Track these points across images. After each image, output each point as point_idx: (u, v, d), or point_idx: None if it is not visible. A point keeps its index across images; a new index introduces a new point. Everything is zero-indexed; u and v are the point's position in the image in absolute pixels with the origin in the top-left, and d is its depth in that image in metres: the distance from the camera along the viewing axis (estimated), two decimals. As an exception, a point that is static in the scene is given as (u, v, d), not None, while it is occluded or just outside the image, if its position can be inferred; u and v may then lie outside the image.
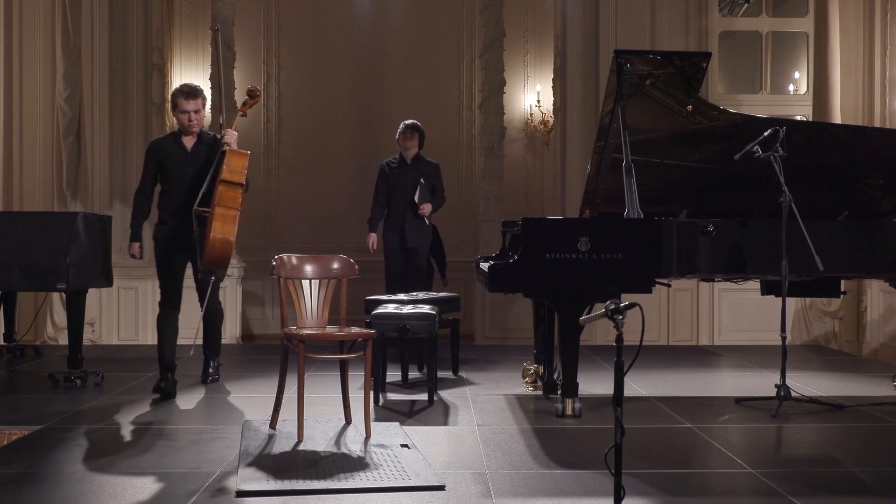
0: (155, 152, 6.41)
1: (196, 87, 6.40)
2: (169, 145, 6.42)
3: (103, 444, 4.78)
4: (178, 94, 6.35)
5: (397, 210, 8.28)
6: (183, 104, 6.31)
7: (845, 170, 6.22)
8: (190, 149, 6.37)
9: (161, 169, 6.37)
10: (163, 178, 6.39)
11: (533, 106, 10.99)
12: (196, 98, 6.34)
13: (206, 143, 6.42)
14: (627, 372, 3.40)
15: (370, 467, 4.25)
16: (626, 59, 5.69)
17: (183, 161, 6.33)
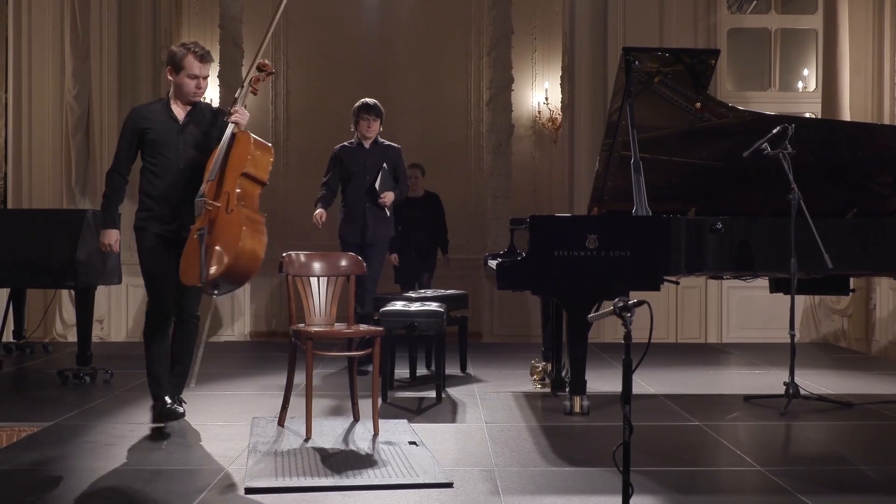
0: (136, 122, 5.19)
1: (207, 50, 5.26)
2: (156, 114, 5.21)
3: (112, 441, 4.79)
4: (187, 53, 5.14)
5: (355, 200, 7.24)
6: (193, 66, 5.13)
7: (854, 167, 6.20)
8: (182, 119, 5.22)
9: (144, 143, 5.18)
10: (147, 154, 5.20)
11: (541, 103, 10.97)
12: (208, 63, 5.23)
13: (203, 114, 5.28)
14: (636, 369, 3.39)
15: (378, 464, 4.26)
16: (634, 57, 5.68)
17: (173, 134, 5.16)
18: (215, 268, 4.68)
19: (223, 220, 4.80)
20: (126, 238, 8.58)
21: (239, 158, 4.95)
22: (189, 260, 4.85)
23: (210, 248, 4.74)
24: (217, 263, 4.68)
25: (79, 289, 6.61)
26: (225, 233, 4.75)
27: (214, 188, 4.91)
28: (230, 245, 4.69)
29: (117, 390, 6.32)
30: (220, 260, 4.68)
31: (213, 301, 9.31)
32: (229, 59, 9.51)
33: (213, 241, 4.75)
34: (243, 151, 4.97)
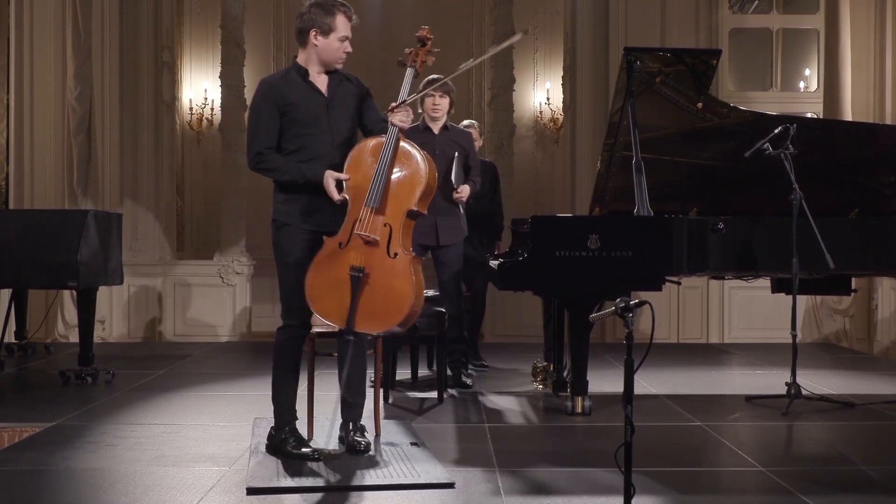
0: (275, 98, 4.33)
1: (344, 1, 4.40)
2: (297, 87, 4.36)
3: (114, 441, 4.80)
4: (337, 11, 4.34)
5: None
6: (342, 25, 4.35)
7: (856, 167, 6.20)
8: (327, 91, 4.41)
9: (286, 123, 4.34)
10: (289, 137, 4.35)
11: (542, 103, 10.98)
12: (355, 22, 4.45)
13: (343, 83, 4.47)
14: (638, 370, 3.39)
15: (380, 465, 4.26)
16: (635, 57, 5.67)
17: (322, 110, 4.37)
18: (372, 325, 4.16)
19: (385, 266, 4.14)
20: (127, 239, 8.66)
21: (409, 185, 4.23)
22: (333, 291, 4.16)
23: (369, 298, 4.12)
24: (376, 323, 4.15)
25: (80, 289, 6.61)
26: (390, 286, 4.12)
27: (370, 216, 4.18)
28: (397, 306, 4.11)
29: (119, 391, 6.33)
30: (382, 321, 4.14)
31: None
32: (231, 60, 9.52)
33: (374, 293, 4.13)
34: (415, 173, 4.24)
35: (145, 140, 9.43)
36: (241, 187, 9.52)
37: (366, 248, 4.16)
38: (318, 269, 4.22)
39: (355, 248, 4.17)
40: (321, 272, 4.20)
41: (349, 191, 4.23)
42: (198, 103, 10.91)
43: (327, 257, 4.21)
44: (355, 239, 4.17)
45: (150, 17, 9.47)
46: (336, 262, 4.18)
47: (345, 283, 4.13)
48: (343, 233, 4.21)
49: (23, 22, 9.29)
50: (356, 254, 4.15)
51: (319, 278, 4.20)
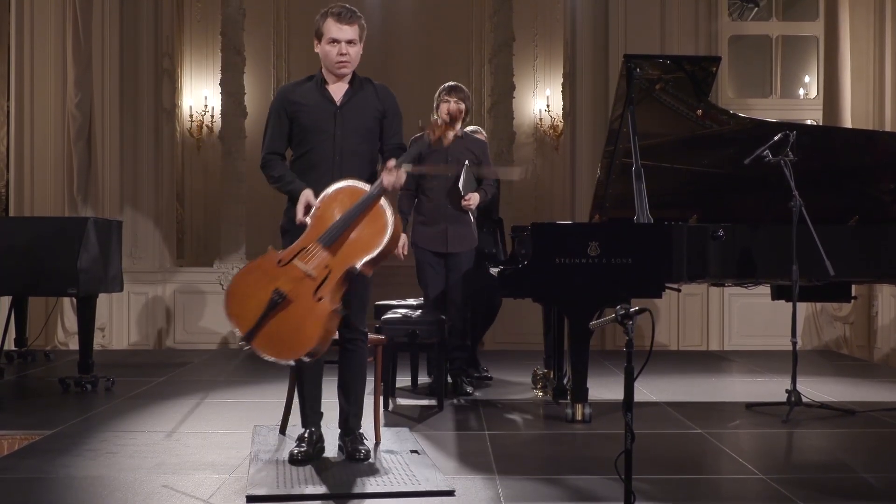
0: (283, 102, 4.42)
1: (351, 10, 4.39)
2: (308, 93, 4.40)
3: (114, 449, 4.79)
4: (326, 14, 4.36)
5: (434, 201, 6.29)
6: (331, 29, 4.32)
7: (856, 174, 6.20)
8: (340, 99, 4.42)
9: (294, 128, 4.40)
10: (297, 142, 4.42)
11: (542, 110, 10.99)
12: (352, 24, 4.34)
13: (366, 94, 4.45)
14: (638, 377, 3.39)
15: (380, 472, 4.25)
16: (635, 64, 5.68)
17: (329, 117, 4.37)
18: (266, 350, 4.07)
19: (306, 304, 4.07)
20: (127, 246, 8.67)
21: (367, 241, 4.16)
22: (249, 300, 4.10)
23: (276, 325, 4.07)
24: (271, 349, 4.07)
25: (80, 296, 6.61)
26: (301, 324, 4.06)
27: (317, 253, 4.16)
28: (296, 344, 4.06)
29: (119, 398, 6.32)
30: (277, 350, 4.08)
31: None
32: (231, 67, 9.53)
33: (283, 321, 4.07)
34: (376, 235, 4.16)
35: (145, 147, 9.44)
36: (240, 194, 9.53)
37: (298, 279, 4.11)
38: (249, 273, 4.21)
39: (289, 273, 4.13)
40: (251, 277, 4.18)
41: (313, 218, 4.22)
42: (198, 110, 10.92)
43: (262, 267, 4.19)
44: (293, 266, 4.13)
45: (150, 25, 9.49)
46: (268, 276, 4.14)
47: (264, 299, 4.08)
48: (287, 253, 4.19)
49: (23, 29, 9.30)
50: (287, 279, 4.11)
51: (244, 281, 4.19)
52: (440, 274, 6.38)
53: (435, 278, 6.39)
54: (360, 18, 4.39)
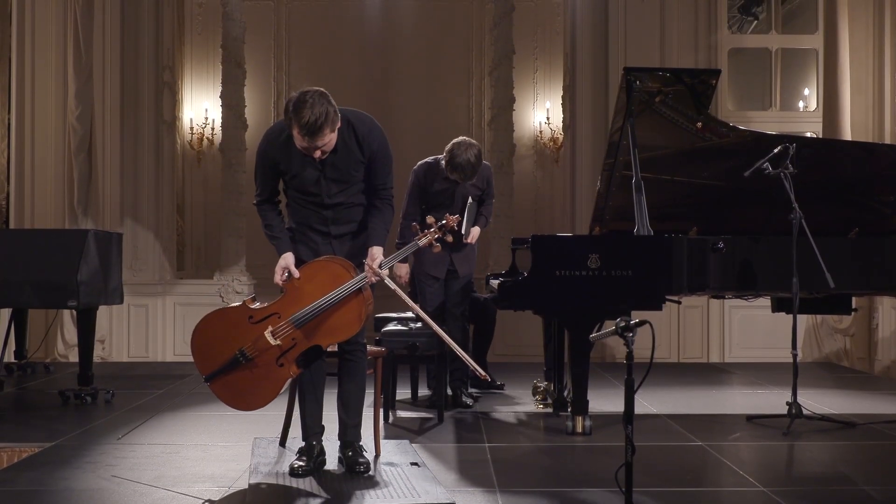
0: (267, 155, 4.38)
1: (319, 112, 4.07)
2: (290, 148, 4.28)
3: (113, 462, 4.78)
4: (294, 123, 4.11)
5: None
6: (300, 140, 4.16)
7: (856, 187, 6.21)
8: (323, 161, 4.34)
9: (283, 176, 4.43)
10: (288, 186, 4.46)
11: (542, 123, 11.01)
12: (320, 135, 4.11)
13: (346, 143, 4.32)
14: (638, 389, 3.39)
15: (380, 485, 4.24)
16: (635, 77, 5.69)
17: (314, 175, 4.34)
18: (222, 395, 4.33)
19: (267, 368, 4.27)
20: (128, 259, 8.67)
21: (338, 329, 4.29)
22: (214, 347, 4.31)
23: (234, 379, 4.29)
24: (226, 396, 4.33)
25: (80, 309, 6.61)
26: (258, 384, 4.28)
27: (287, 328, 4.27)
28: (251, 400, 4.31)
29: (118, 411, 6.31)
30: (232, 400, 4.33)
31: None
32: (231, 79, 9.54)
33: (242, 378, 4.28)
34: (349, 325, 4.29)
35: (146, 160, 9.44)
36: (241, 207, 9.53)
37: (264, 344, 4.26)
38: (220, 319, 4.36)
39: (256, 335, 4.27)
40: (221, 324, 4.34)
41: (291, 287, 4.31)
42: (198, 123, 10.94)
43: (232, 319, 4.33)
44: (263, 329, 4.27)
45: (150, 37, 9.50)
46: (236, 329, 4.29)
47: (227, 354, 4.28)
48: (259, 312, 4.31)
49: (24, 42, 9.33)
50: (253, 341, 4.27)
51: (213, 327, 4.35)
52: (439, 289, 6.46)
53: (434, 294, 6.45)
54: (328, 119, 4.11)
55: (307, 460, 4.44)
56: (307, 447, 4.49)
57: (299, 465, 4.40)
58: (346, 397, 4.54)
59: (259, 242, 9.98)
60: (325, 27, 10.96)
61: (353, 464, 4.44)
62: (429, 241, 4.56)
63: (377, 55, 10.92)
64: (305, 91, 4.17)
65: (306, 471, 4.38)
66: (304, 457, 4.45)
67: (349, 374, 4.53)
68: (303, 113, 4.06)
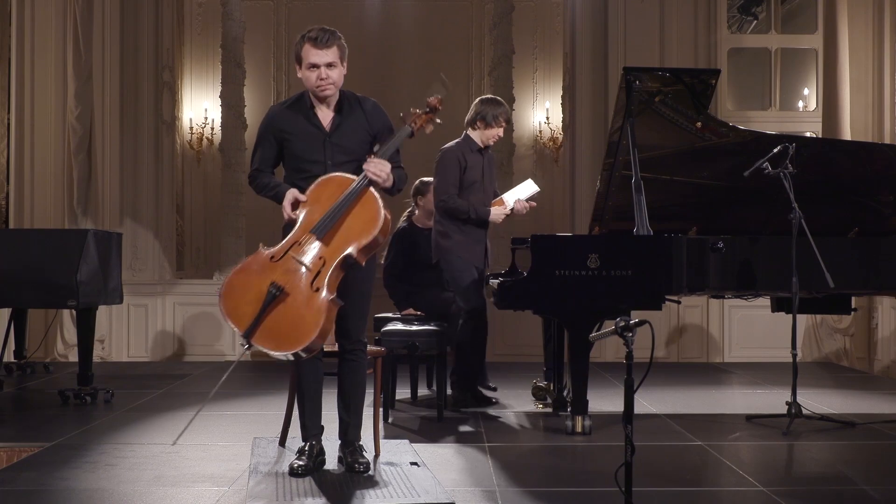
0: (273, 126, 4.41)
1: (328, 31, 4.27)
2: (297, 119, 4.37)
3: (113, 461, 4.78)
4: (303, 40, 4.26)
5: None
6: (309, 54, 4.25)
7: (855, 186, 6.21)
8: (329, 126, 4.38)
9: (285, 152, 4.42)
10: (289, 165, 4.44)
11: (542, 123, 11.01)
12: (330, 47, 4.24)
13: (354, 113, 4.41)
14: (637, 389, 3.39)
15: (379, 485, 4.24)
16: (635, 77, 5.69)
17: (319, 145, 4.36)
18: (268, 344, 4.09)
19: (304, 295, 4.11)
20: (128, 259, 8.67)
21: (360, 229, 4.19)
22: (246, 297, 4.13)
23: (276, 318, 4.09)
24: (272, 343, 4.10)
25: (80, 309, 6.61)
26: (300, 314, 4.08)
27: (311, 244, 4.19)
28: (298, 336, 4.07)
29: (118, 410, 6.31)
30: (278, 343, 4.09)
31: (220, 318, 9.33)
32: (231, 79, 9.55)
33: (283, 315, 4.10)
34: (369, 223, 4.20)
35: (145, 159, 9.45)
36: (240, 206, 9.54)
37: (293, 271, 4.14)
38: (242, 273, 4.21)
39: (284, 266, 4.16)
40: (244, 276, 4.19)
41: (303, 212, 4.26)
42: (198, 123, 10.94)
43: (255, 265, 4.21)
44: (288, 259, 4.17)
45: (150, 37, 9.51)
46: (262, 272, 4.16)
47: (261, 294, 4.10)
48: (279, 249, 4.21)
49: (24, 42, 9.33)
50: (282, 272, 4.14)
51: (240, 280, 4.19)
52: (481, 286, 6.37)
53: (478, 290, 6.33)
54: (338, 39, 4.30)
55: (306, 460, 4.43)
56: (306, 447, 4.49)
57: (299, 464, 4.40)
58: (346, 397, 4.52)
59: (258, 242, 10.01)
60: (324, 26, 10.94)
61: (353, 463, 4.44)
62: (423, 122, 4.49)
63: (376, 55, 10.92)
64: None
65: (306, 470, 4.38)
66: (303, 456, 4.45)
67: (350, 374, 4.51)
68: (311, 30, 4.26)
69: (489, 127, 6.30)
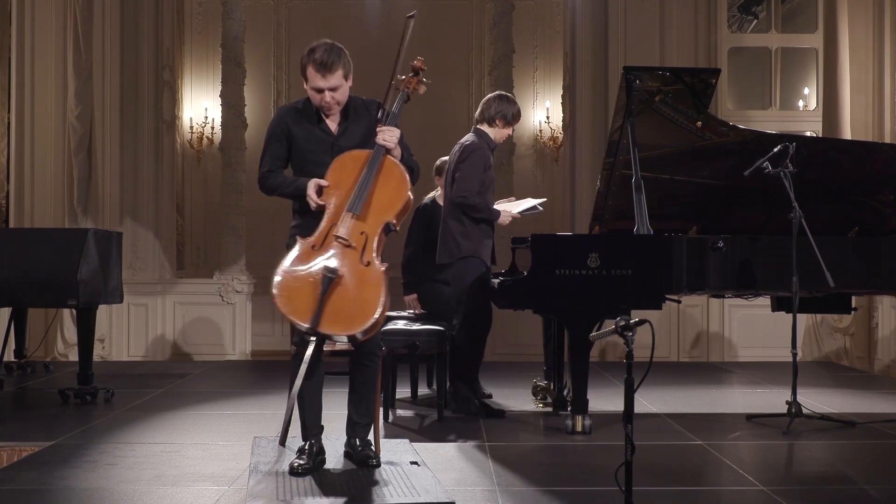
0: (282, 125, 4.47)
1: (333, 53, 4.31)
2: (306, 122, 4.44)
3: (113, 461, 4.78)
4: (308, 63, 4.31)
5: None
6: (314, 79, 4.32)
7: (855, 186, 6.21)
8: (336, 130, 4.45)
9: (293, 152, 4.48)
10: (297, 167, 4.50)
11: (542, 122, 11.01)
12: (334, 72, 4.29)
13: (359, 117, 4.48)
14: (638, 388, 3.39)
15: (380, 484, 4.24)
16: (635, 76, 5.69)
17: (327, 149, 4.41)
18: (337, 327, 4.03)
19: (358, 272, 4.13)
20: (128, 258, 8.67)
21: (390, 198, 4.28)
22: (302, 290, 4.09)
23: (338, 301, 4.06)
24: (341, 325, 4.03)
25: (80, 308, 6.61)
26: (360, 291, 4.09)
27: (350, 222, 4.22)
28: (364, 312, 4.04)
29: (118, 410, 6.31)
30: (347, 324, 4.03)
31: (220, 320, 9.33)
32: (231, 78, 9.56)
33: (344, 296, 4.07)
34: (398, 188, 4.30)
35: (146, 159, 9.46)
36: (240, 206, 9.55)
37: (341, 252, 4.16)
38: (290, 272, 4.18)
39: (330, 251, 4.17)
40: (294, 275, 4.17)
41: (328, 197, 4.28)
42: (198, 122, 10.94)
43: (300, 258, 4.19)
44: (331, 242, 4.18)
45: (150, 37, 9.51)
46: (309, 262, 4.16)
47: (316, 282, 4.08)
48: (318, 236, 4.22)
49: (24, 41, 9.33)
50: (330, 256, 4.15)
51: (290, 277, 4.16)
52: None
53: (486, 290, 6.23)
54: (341, 59, 4.32)
55: (307, 459, 4.43)
56: (307, 446, 4.49)
57: (299, 463, 4.39)
58: (357, 399, 4.52)
59: (258, 241, 10.03)
60: (324, 26, 10.94)
61: (365, 458, 4.44)
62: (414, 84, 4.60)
63: (377, 53, 10.90)
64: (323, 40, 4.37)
65: (306, 469, 4.38)
66: (303, 455, 4.45)
67: (362, 378, 4.51)
68: (316, 50, 4.29)
69: (508, 125, 6.23)
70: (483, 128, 6.22)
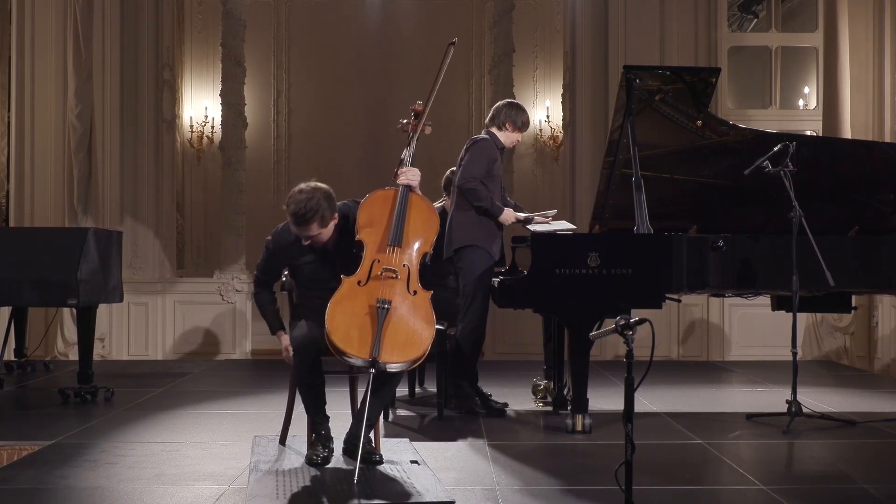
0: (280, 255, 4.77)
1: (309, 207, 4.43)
2: (300, 249, 4.66)
3: (113, 460, 4.78)
4: (287, 210, 4.51)
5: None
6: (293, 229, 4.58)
7: (855, 185, 6.21)
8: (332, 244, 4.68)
9: (296, 273, 4.77)
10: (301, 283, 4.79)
11: (542, 121, 11.00)
12: (310, 224, 4.46)
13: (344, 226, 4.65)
14: (638, 388, 3.39)
15: (380, 483, 4.24)
16: (635, 75, 5.69)
17: (327, 264, 4.67)
18: (396, 356, 4.16)
19: (407, 301, 4.32)
20: (128, 257, 8.67)
21: (424, 227, 4.56)
22: (355, 324, 4.21)
23: (395, 330, 4.21)
24: (399, 354, 4.16)
25: (80, 307, 6.61)
26: (413, 320, 4.28)
27: (392, 255, 4.43)
28: (419, 339, 4.23)
29: (118, 409, 6.31)
30: (405, 353, 4.18)
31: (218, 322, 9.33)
32: (231, 77, 9.56)
33: (398, 326, 4.23)
34: (429, 220, 4.59)
35: (146, 158, 9.45)
36: (240, 205, 9.54)
37: (387, 284, 4.33)
38: (338, 306, 4.27)
39: (378, 284, 4.33)
40: (342, 308, 4.26)
41: (364, 235, 4.49)
42: (198, 121, 10.93)
43: (347, 294, 4.31)
44: (377, 277, 4.35)
45: (150, 36, 9.51)
46: (358, 297, 4.29)
47: (370, 315, 4.23)
48: (362, 272, 4.38)
49: (24, 40, 9.33)
50: (380, 289, 4.31)
51: (341, 313, 4.25)
52: None
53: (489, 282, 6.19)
54: (316, 215, 4.45)
55: (322, 449, 4.46)
56: (322, 436, 4.52)
57: (317, 454, 4.42)
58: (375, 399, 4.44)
59: (259, 241, 9.99)
60: (324, 25, 10.95)
61: (369, 454, 4.45)
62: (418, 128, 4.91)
63: (377, 53, 10.91)
64: (308, 183, 4.54)
65: (325, 458, 4.42)
66: (318, 446, 4.48)
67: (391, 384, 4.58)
68: (292, 203, 4.47)
69: (517, 130, 6.31)
70: (493, 130, 6.29)
